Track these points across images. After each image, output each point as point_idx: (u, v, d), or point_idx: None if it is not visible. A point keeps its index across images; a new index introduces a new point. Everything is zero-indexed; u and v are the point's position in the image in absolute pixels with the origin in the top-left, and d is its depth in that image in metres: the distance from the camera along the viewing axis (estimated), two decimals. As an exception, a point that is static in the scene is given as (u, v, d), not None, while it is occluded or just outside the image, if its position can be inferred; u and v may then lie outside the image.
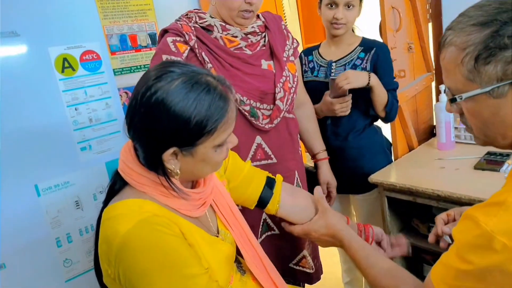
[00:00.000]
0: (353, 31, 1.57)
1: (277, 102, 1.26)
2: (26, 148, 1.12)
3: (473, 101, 0.62)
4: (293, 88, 1.33)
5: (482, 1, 0.61)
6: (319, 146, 1.49)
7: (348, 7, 1.45)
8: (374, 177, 1.44)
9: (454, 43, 0.61)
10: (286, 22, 2.55)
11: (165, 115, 0.68)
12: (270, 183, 1.02)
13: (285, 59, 1.32)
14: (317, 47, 1.64)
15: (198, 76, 0.71)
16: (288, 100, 1.31)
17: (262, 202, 1.01)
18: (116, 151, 1.29)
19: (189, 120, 0.68)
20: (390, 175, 1.47)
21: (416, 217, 1.54)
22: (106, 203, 0.79)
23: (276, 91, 1.26)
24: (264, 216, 1.34)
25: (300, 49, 1.45)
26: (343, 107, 1.44)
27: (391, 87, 1.48)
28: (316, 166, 1.52)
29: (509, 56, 0.56)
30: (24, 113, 1.11)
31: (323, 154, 1.49)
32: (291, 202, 1.02)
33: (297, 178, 1.39)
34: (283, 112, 1.29)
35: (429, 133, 1.90)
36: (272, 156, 1.32)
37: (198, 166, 0.75)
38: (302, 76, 1.61)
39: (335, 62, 1.53)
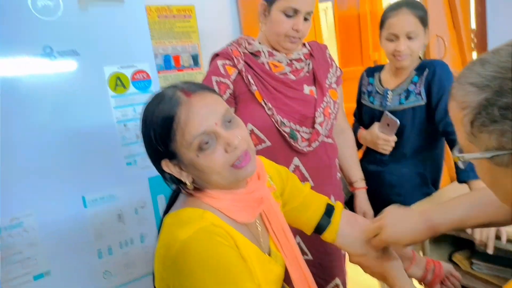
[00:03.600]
0: None
1: (316, 126, 1.28)
2: (77, 160, 1.17)
3: (476, 162, 0.59)
4: (333, 114, 1.34)
5: (489, 54, 0.56)
6: (357, 174, 1.48)
7: (410, 37, 1.36)
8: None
9: (455, 99, 0.57)
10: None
11: (142, 131, 0.77)
12: (329, 211, 0.99)
13: (327, 86, 1.34)
14: (380, 69, 1.57)
15: (160, 92, 0.78)
16: (328, 125, 1.32)
17: (319, 230, 0.99)
18: (159, 168, 1.33)
19: (150, 130, 0.74)
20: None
21: (457, 251, 1.48)
22: (167, 210, 0.82)
23: (316, 116, 1.28)
24: (297, 239, 1.33)
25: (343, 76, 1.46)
26: (385, 145, 1.42)
27: None
28: (352, 195, 1.51)
29: (501, 129, 0.51)
30: (78, 126, 1.17)
31: (360, 183, 1.48)
32: (351, 234, 0.99)
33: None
34: (322, 136, 1.30)
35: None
36: (309, 179, 1.32)
37: (199, 175, 0.75)
38: (360, 96, 1.60)
39: (391, 90, 1.47)
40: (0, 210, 1.07)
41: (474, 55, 1.86)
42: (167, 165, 0.76)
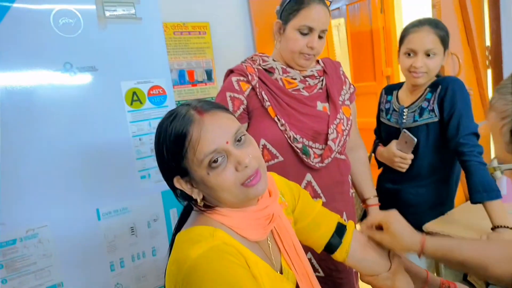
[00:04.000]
0: None
1: (329, 142, 1.28)
2: (92, 172, 1.19)
3: None
4: (346, 131, 1.34)
5: None
6: (370, 191, 1.47)
7: (428, 55, 1.36)
8: (430, 226, 1.38)
9: (495, 109, 0.58)
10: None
11: (155, 147, 0.78)
12: (340, 230, 0.98)
13: (340, 102, 1.35)
14: (398, 87, 1.56)
15: (174, 109, 0.77)
16: (341, 141, 1.32)
17: (330, 249, 0.98)
18: (172, 181, 1.35)
19: (163, 147, 0.74)
20: (446, 226, 1.40)
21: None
22: (178, 227, 0.82)
23: (329, 132, 1.28)
24: (309, 255, 1.32)
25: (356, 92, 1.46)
26: (402, 162, 1.42)
27: (468, 131, 1.31)
28: (365, 212, 1.50)
29: None
30: (94, 140, 1.20)
31: (373, 200, 1.47)
32: (362, 253, 0.98)
33: (345, 220, 1.37)
34: (335, 152, 1.30)
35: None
36: (321, 195, 1.32)
37: (210, 192, 0.76)
38: (378, 113, 1.61)
39: (407, 107, 1.47)
40: (16, 222, 1.09)
41: (489, 73, 1.85)
42: (178, 182, 0.77)
